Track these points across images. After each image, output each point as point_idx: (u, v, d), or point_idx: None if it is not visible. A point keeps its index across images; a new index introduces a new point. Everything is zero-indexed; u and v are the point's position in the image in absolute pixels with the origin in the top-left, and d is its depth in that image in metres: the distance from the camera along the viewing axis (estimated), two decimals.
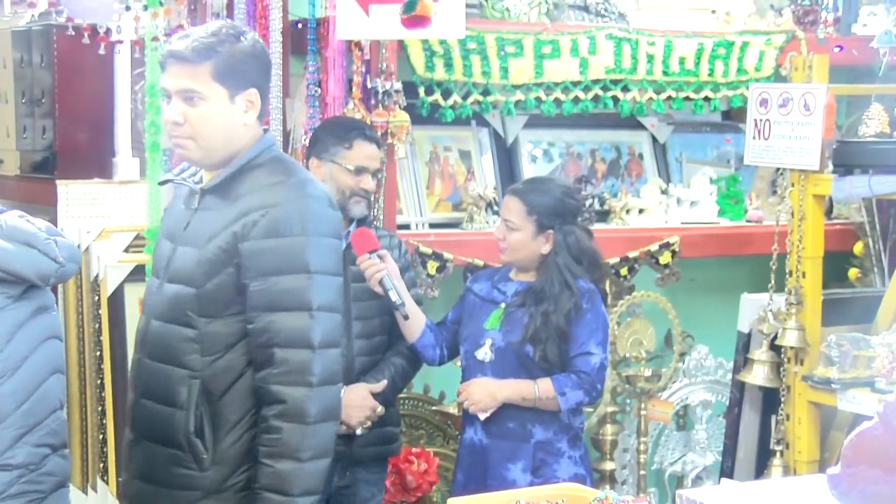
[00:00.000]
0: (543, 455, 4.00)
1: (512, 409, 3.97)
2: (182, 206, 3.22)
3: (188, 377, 3.04)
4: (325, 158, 4.05)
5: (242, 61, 3.05)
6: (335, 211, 3.12)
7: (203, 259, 3.03)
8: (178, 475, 3.06)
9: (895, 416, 2.08)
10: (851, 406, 4.26)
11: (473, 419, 4.02)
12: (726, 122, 5.70)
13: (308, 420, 2.95)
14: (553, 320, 3.94)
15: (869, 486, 2.10)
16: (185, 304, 3.06)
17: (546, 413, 3.99)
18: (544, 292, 3.99)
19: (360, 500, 4.12)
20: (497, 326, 4.02)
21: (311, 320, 2.96)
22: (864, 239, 5.39)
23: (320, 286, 2.98)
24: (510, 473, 3.96)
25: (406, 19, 4.21)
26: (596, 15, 5.19)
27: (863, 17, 5.37)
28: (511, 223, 4.01)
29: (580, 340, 3.97)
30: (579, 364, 3.96)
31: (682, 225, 5.26)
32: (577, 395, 3.95)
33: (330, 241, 3.06)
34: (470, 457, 4.05)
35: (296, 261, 2.97)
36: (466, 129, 5.06)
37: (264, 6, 4.46)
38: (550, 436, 4.01)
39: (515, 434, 3.99)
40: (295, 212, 2.99)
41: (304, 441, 2.95)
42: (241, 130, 3.08)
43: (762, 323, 4.73)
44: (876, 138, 4.31)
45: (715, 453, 5.46)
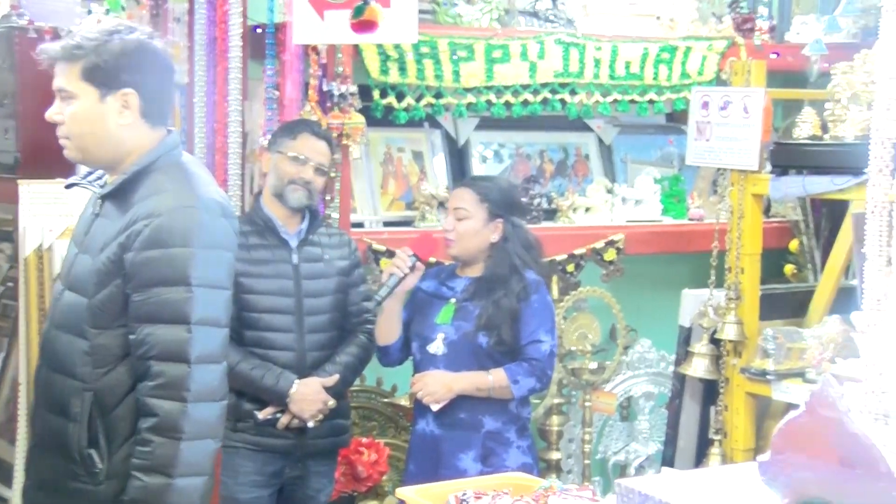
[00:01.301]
0: (493, 444, 4.08)
1: (463, 400, 4.05)
2: (90, 210, 3.09)
3: (81, 389, 2.91)
4: (273, 150, 4.16)
5: (112, 61, 2.89)
6: (228, 220, 2.95)
7: (94, 269, 2.91)
8: (72, 489, 2.94)
9: (820, 405, 2.16)
10: (784, 396, 4.34)
11: (425, 411, 4.09)
12: (670, 124, 5.80)
13: (180, 436, 2.80)
14: (505, 305, 4.04)
15: (794, 471, 2.19)
16: (78, 314, 2.93)
17: (496, 404, 4.08)
18: (494, 281, 4.09)
19: (312, 490, 4.20)
20: (449, 321, 4.11)
21: (188, 334, 2.81)
22: (799, 236, 5.51)
23: (201, 300, 2.83)
24: (461, 463, 4.04)
25: (355, 24, 4.28)
26: (545, 21, 5.27)
27: (796, 25, 5.52)
28: (463, 211, 4.09)
29: (530, 329, 4.07)
30: (530, 352, 4.06)
31: (626, 223, 5.37)
32: (530, 382, 4.05)
33: (217, 253, 2.90)
34: (422, 447, 4.12)
35: (176, 273, 2.82)
36: (419, 131, 5.16)
37: (224, 11, 4.53)
38: (500, 426, 4.10)
39: (466, 424, 4.07)
40: (178, 222, 2.84)
41: (176, 457, 2.79)
42: (117, 131, 2.93)
43: (702, 317, 4.82)
44: (809, 140, 4.40)
45: (657, 443, 5.56)
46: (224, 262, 2.93)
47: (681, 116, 5.50)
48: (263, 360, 4.06)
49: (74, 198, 4.75)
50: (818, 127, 4.40)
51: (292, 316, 4.10)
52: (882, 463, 2.03)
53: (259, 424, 4.09)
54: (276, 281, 4.10)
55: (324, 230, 4.26)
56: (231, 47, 4.50)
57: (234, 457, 4.11)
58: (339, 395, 4.17)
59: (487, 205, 4.11)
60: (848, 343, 4.24)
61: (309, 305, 4.13)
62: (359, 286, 4.26)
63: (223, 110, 4.62)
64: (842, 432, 2.09)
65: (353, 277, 4.24)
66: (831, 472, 2.12)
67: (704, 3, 5.67)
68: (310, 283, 4.13)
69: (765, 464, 2.28)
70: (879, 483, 2.03)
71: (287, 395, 4.04)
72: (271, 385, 4.03)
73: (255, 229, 4.14)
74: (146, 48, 2.96)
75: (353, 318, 4.23)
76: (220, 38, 4.56)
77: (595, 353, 5.34)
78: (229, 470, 4.12)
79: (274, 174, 4.14)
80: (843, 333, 4.31)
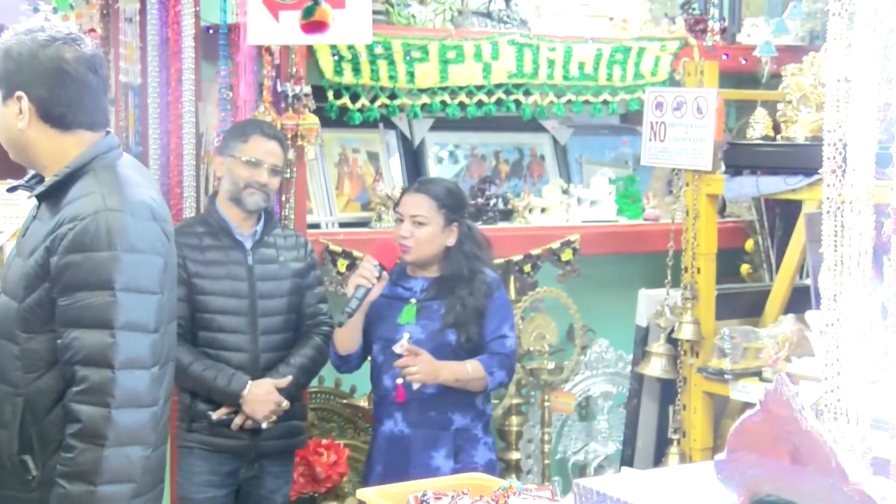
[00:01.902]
0: (462, 441, 4.12)
1: (433, 398, 4.08)
2: (31, 212, 3.04)
3: (13, 394, 2.86)
4: (225, 154, 4.15)
5: (6, 63, 2.86)
6: (158, 224, 2.90)
7: (24, 273, 2.87)
8: (5, 496, 2.88)
9: (774, 404, 2.18)
10: (741, 395, 4.37)
11: (392, 411, 4.11)
12: (624, 124, 5.82)
13: (104, 442, 2.73)
14: (471, 303, 4.09)
15: (749, 469, 2.21)
16: (10, 318, 2.88)
17: (464, 400, 4.11)
18: (456, 281, 4.13)
19: (267, 491, 4.21)
20: (413, 321, 4.12)
21: (111, 339, 2.75)
22: (754, 236, 5.55)
23: (126, 305, 2.77)
24: (434, 461, 4.06)
25: (305, 25, 4.27)
26: (498, 21, 5.28)
27: (747, 27, 5.56)
28: (421, 218, 4.10)
29: (494, 325, 4.13)
30: (497, 347, 4.12)
31: (582, 223, 5.38)
32: (501, 374, 4.12)
33: (144, 256, 2.83)
34: (390, 448, 4.12)
35: (100, 277, 2.76)
36: (374, 132, 5.15)
37: (177, 12, 4.52)
38: (468, 422, 4.13)
39: (436, 422, 4.09)
40: (102, 225, 2.78)
41: (99, 464, 2.73)
42: (20, 135, 2.88)
43: (659, 317, 4.85)
44: (762, 141, 4.43)
45: (616, 442, 5.57)
46: (152, 266, 2.86)
47: (635, 117, 5.52)
48: (217, 360, 4.05)
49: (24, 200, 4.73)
50: (770, 127, 4.44)
51: (246, 317, 4.09)
52: (832, 459, 2.05)
53: (213, 425, 4.08)
54: (229, 282, 4.09)
55: (279, 231, 4.26)
56: (184, 48, 4.50)
57: (188, 457, 4.12)
58: (293, 397, 4.17)
59: (444, 210, 4.14)
60: (803, 342, 4.29)
61: (263, 307, 4.12)
62: (314, 288, 4.26)
63: (177, 111, 4.62)
64: (795, 430, 2.11)
65: (308, 279, 4.23)
66: (784, 470, 2.14)
67: (657, 5, 5.70)
68: (264, 285, 4.13)
69: (721, 462, 2.30)
70: (830, 479, 2.05)
71: (240, 396, 4.03)
72: (224, 386, 4.02)
73: (209, 231, 4.13)
74: (41, 53, 2.85)
75: (308, 320, 4.23)
76: (173, 38, 4.56)
77: (553, 353, 5.37)
78: (184, 470, 4.14)
79: (229, 179, 4.12)
80: (799, 332, 4.34)
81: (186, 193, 4.60)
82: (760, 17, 5.62)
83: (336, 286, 4.70)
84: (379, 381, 4.18)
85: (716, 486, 2.32)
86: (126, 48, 4.69)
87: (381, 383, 4.17)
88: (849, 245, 2.81)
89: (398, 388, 4.09)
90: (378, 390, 4.19)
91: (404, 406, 4.11)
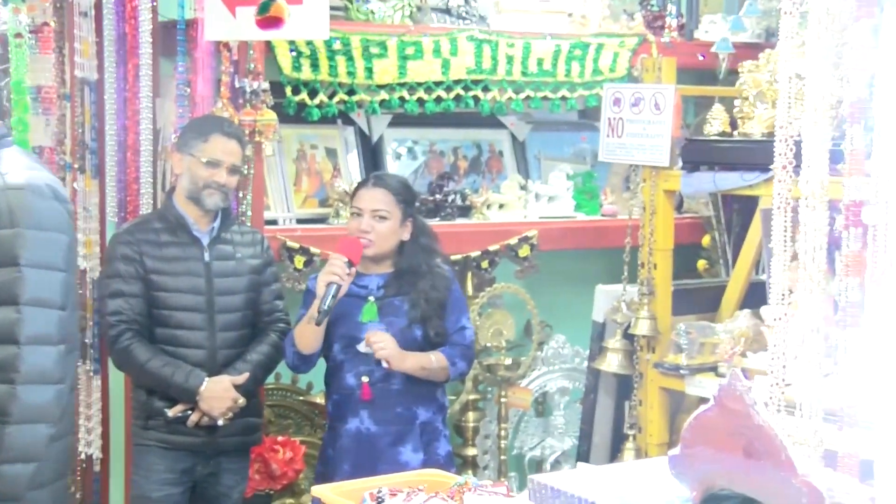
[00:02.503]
0: (427, 434, 4.14)
1: (398, 393, 4.09)
2: None
3: None
4: (184, 152, 4.12)
5: None
6: (60, 203, 2.93)
7: None
8: None
9: (727, 398, 2.20)
10: (698, 390, 4.38)
11: (358, 409, 4.09)
12: (582, 120, 5.83)
13: (7, 419, 2.74)
14: (433, 297, 4.11)
15: (703, 464, 2.23)
16: None
17: (427, 394, 4.14)
18: (415, 275, 4.14)
19: (224, 488, 4.21)
20: (376, 318, 4.11)
21: (17, 315, 2.77)
22: (711, 232, 5.58)
23: (32, 280, 2.79)
24: (402, 456, 4.07)
25: (260, 20, 4.26)
26: (457, 17, 5.28)
27: (704, 24, 5.60)
28: (382, 212, 4.10)
29: (454, 317, 4.16)
30: (458, 339, 4.16)
31: (540, 219, 5.39)
32: (463, 365, 4.16)
33: (48, 234, 2.86)
34: (357, 446, 4.11)
35: (5, 253, 2.80)
36: (332, 128, 5.14)
37: (133, 7, 4.50)
38: (431, 415, 4.16)
39: (402, 418, 4.10)
40: (4, 203, 2.81)
41: (1, 441, 2.74)
42: None
43: (616, 313, 4.87)
44: (719, 137, 4.46)
45: (573, 438, 5.59)
46: (58, 244, 2.89)
47: (593, 113, 5.52)
48: (174, 357, 4.04)
49: None
50: (727, 124, 4.47)
51: (203, 314, 4.08)
52: (783, 452, 2.07)
53: (169, 422, 4.07)
54: (187, 278, 4.08)
55: (236, 228, 4.25)
56: (141, 43, 4.48)
57: (145, 454, 4.11)
58: (250, 394, 4.16)
59: (402, 205, 4.14)
60: (759, 337, 4.31)
61: (220, 303, 4.12)
62: (271, 284, 4.25)
63: (134, 107, 4.60)
64: (748, 425, 2.13)
65: (265, 276, 4.23)
66: (737, 464, 2.16)
67: (616, 1, 5.72)
68: (221, 281, 4.12)
69: (675, 458, 2.32)
70: (781, 472, 2.07)
71: (197, 393, 4.02)
72: (181, 383, 4.01)
73: (167, 227, 4.12)
74: None
75: (265, 317, 4.22)
76: (130, 33, 4.53)
77: (510, 349, 5.39)
78: (140, 468, 4.13)
79: (188, 178, 4.11)
80: (754, 328, 4.37)
81: (143, 190, 4.58)
82: (718, 13, 5.66)
83: (293, 283, 4.69)
84: (341, 381, 4.15)
85: (670, 481, 2.34)
86: (82, 43, 4.65)
87: (343, 382, 4.14)
88: (804, 240, 2.84)
89: (364, 387, 4.09)
90: (339, 389, 4.16)
91: (370, 404, 4.10)
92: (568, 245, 5.43)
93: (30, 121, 4.88)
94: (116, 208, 4.69)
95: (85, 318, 4.76)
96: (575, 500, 2.32)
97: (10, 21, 4.56)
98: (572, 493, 2.34)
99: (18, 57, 4.84)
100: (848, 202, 2.68)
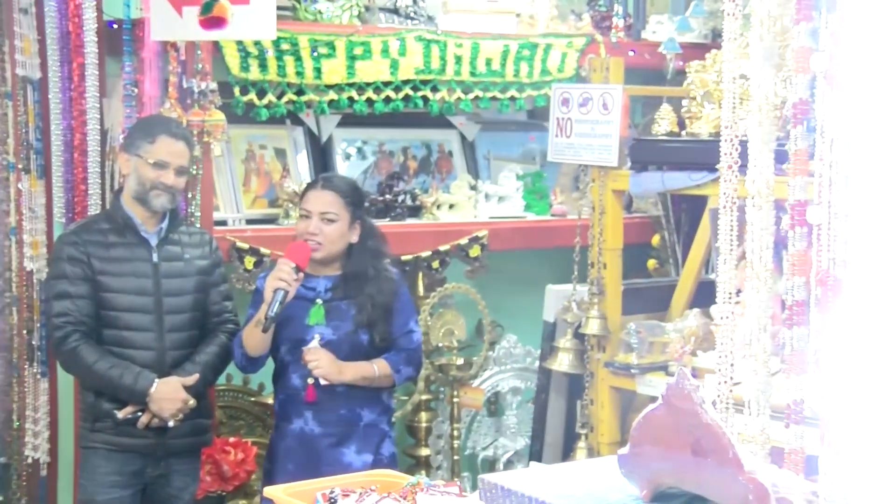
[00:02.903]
0: (371, 436, 4.13)
1: (342, 395, 4.07)
2: None
3: None
4: (131, 152, 4.09)
5: None
6: None
7: None
8: None
9: (675, 397, 2.21)
10: (648, 389, 4.40)
11: (302, 410, 4.09)
12: (531, 120, 5.84)
13: None
14: (380, 301, 4.09)
15: (652, 462, 2.24)
16: None
17: (372, 396, 4.12)
18: (363, 279, 4.11)
19: (175, 489, 4.18)
20: (322, 321, 4.10)
21: None
22: (660, 231, 5.61)
23: None
24: (345, 457, 4.07)
25: (203, 20, 4.25)
26: (406, 18, 5.28)
27: (652, 24, 5.62)
28: (331, 215, 4.08)
29: (401, 321, 4.14)
30: (404, 343, 4.14)
31: (490, 219, 5.40)
32: (409, 370, 4.16)
33: None
34: (300, 446, 4.11)
35: None
36: (281, 128, 5.13)
37: (77, 5, 4.46)
38: (375, 417, 4.15)
39: (346, 419, 4.10)
40: None
41: None
42: None
43: (566, 312, 4.88)
44: (667, 137, 4.48)
45: (525, 437, 5.61)
46: None
47: (542, 113, 5.53)
48: (122, 358, 4.01)
49: None
50: (675, 123, 4.50)
51: (152, 315, 4.06)
52: (730, 450, 2.08)
53: (118, 424, 4.04)
54: (135, 280, 4.06)
55: (184, 229, 4.23)
56: (86, 42, 4.45)
57: (92, 457, 4.08)
58: (200, 395, 4.14)
59: (351, 207, 4.13)
60: (708, 336, 4.34)
61: (169, 304, 4.09)
62: (219, 285, 4.23)
63: (80, 107, 4.56)
64: (695, 423, 2.15)
65: (213, 277, 4.21)
66: (685, 462, 2.17)
67: (563, 1, 5.74)
68: (170, 282, 4.10)
69: (624, 457, 2.32)
70: (728, 469, 2.08)
71: (146, 394, 3.99)
72: (130, 384, 3.98)
73: (114, 227, 4.10)
74: None
75: (214, 318, 4.20)
76: (74, 32, 4.49)
77: (461, 349, 5.40)
78: (87, 471, 4.10)
79: (135, 179, 4.08)
80: (704, 327, 4.40)
81: (91, 190, 4.55)
82: (665, 14, 5.69)
83: (243, 283, 4.67)
84: (287, 381, 4.16)
85: (620, 480, 2.34)
86: (22, 40, 4.61)
87: (288, 383, 4.15)
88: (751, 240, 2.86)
89: (308, 388, 4.08)
90: (285, 390, 4.17)
91: (315, 405, 4.10)
92: (518, 245, 5.45)
93: None
94: (64, 209, 4.65)
95: (31, 319, 4.72)
96: (525, 499, 2.32)
97: None
98: (523, 492, 2.34)
99: None
100: (793, 202, 2.70)
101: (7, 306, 4.87)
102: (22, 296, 4.81)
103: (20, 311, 4.82)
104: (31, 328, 4.73)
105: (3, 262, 4.86)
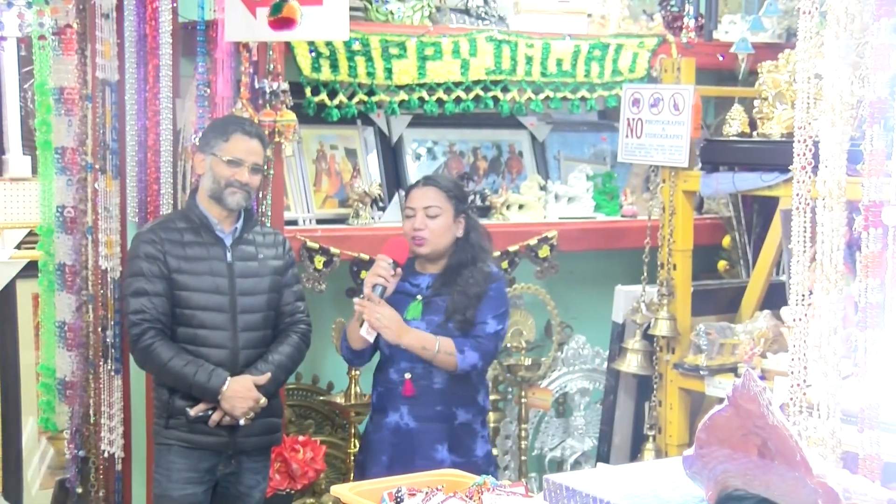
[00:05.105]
0: (463, 435, 4.17)
1: (439, 393, 4.14)
2: None
3: None
4: (206, 152, 4.14)
5: None
6: None
7: None
8: None
9: (742, 398, 2.19)
10: (717, 391, 4.38)
11: (398, 404, 4.15)
12: (602, 121, 5.82)
13: None
14: (471, 292, 4.13)
15: (717, 464, 2.22)
16: None
17: (467, 396, 4.17)
18: (459, 272, 4.17)
19: (245, 487, 4.22)
20: (419, 316, 4.16)
21: None
22: (731, 233, 5.56)
23: None
24: (438, 454, 4.12)
25: (273, 21, 4.26)
26: (476, 18, 5.28)
27: (724, 24, 5.57)
28: (434, 209, 4.15)
29: (482, 313, 4.16)
30: (476, 330, 4.15)
31: (560, 220, 5.39)
32: (474, 356, 4.12)
33: None
34: (396, 440, 4.17)
35: None
36: (352, 128, 5.15)
37: (154, 8, 4.52)
38: (470, 417, 4.20)
39: (442, 417, 4.15)
40: None
41: None
42: None
43: (636, 313, 4.86)
44: (738, 138, 4.46)
45: (593, 439, 5.59)
46: None
47: (613, 113, 5.51)
48: (196, 357, 4.05)
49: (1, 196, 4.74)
50: (747, 124, 4.47)
51: (226, 314, 4.10)
52: (798, 453, 2.06)
53: (191, 421, 4.08)
54: (210, 278, 4.09)
55: (258, 229, 4.26)
56: (161, 44, 4.50)
57: (166, 454, 4.12)
58: (271, 394, 4.17)
59: (454, 201, 4.20)
60: (778, 338, 4.31)
61: (242, 303, 4.12)
62: (292, 286, 4.27)
63: (154, 108, 4.62)
64: (762, 425, 2.13)
65: (286, 277, 4.24)
66: (752, 464, 2.15)
67: (635, 1, 5.71)
68: (244, 282, 4.14)
69: (689, 458, 2.31)
70: (795, 472, 2.06)
71: (219, 393, 4.03)
72: (203, 382, 4.02)
73: (191, 227, 4.14)
74: None
75: (287, 318, 4.23)
76: (151, 35, 4.55)
77: (530, 349, 5.39)
78: (162, 467, 4.14)
79: (210, 177, 4.12)
80: (774, 328, 4.37)
81: (164, 190, 4.61)
82: (737, 13, 5.64)
83: (313, 283, 4.70)
84: (385, 374, 4.23)
85: (686, 482, 2.33)
86: (103, 44, 4.68)
87: (387, 376, 4.22)
88: (821, 241, 2.83)
89: (406, 383, 4.15)
90: (383, 383, 4.23)
91: (411, 400, 4.16)
92: (588, 246, 5.43)
93: (52, 122, 4.93)
94: (137, 208, 4.72)
95: (106, 317, 4.79)
96: (590, 499, 2.32)
97: (34, 24, 4.59)
98: (587, 492, 2.33)
99: (42, 59, 4.90)
100: (867, 202, 2.68)
101: (84, 304, 4.96)
102: (97, 294, 4.88)
103: (95, 310, 4.90)
104: (106, 326, 4.80)
105: (80, 261, 4.95)
